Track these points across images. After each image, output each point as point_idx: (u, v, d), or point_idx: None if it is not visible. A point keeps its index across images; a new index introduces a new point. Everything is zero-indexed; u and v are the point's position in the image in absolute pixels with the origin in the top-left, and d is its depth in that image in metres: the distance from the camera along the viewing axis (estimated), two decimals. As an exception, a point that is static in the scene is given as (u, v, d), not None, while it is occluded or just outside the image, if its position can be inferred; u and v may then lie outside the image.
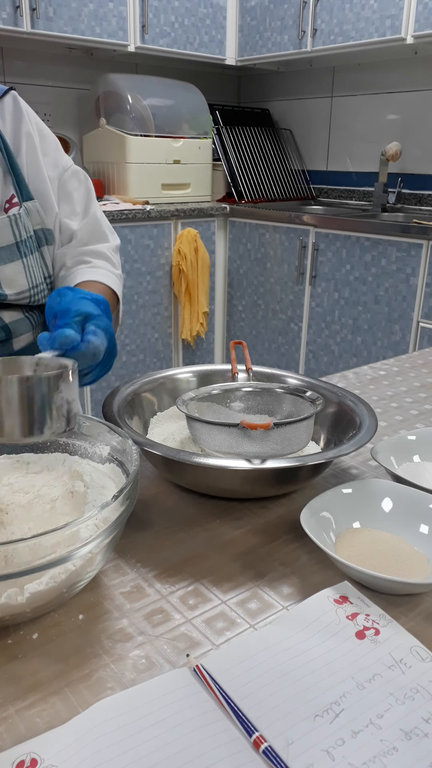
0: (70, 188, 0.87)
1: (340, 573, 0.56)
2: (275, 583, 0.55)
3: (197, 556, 0.59)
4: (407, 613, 0.52)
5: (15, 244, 0.76)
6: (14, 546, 0.45)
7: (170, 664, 0.46)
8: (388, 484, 0.64)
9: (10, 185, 0.78)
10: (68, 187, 0.87)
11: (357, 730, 0.41)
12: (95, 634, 0.49)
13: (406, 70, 2.76)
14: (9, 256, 0.76)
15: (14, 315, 0.79)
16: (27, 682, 0.45)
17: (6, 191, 0.78)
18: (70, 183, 0.87)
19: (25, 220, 0.78)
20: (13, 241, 0.76)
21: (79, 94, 2.88)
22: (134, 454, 0.55)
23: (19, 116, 0.82)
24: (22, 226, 0.77)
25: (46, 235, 0.82)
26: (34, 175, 0.82)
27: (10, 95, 0.83)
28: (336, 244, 2.47)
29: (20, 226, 0.77)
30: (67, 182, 0.87)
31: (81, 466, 0.61)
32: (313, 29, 2.63)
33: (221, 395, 0.79)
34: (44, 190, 0.82)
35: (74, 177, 0.88)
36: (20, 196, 0.78)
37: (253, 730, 0.40)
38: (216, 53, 2.89)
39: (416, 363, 1.19)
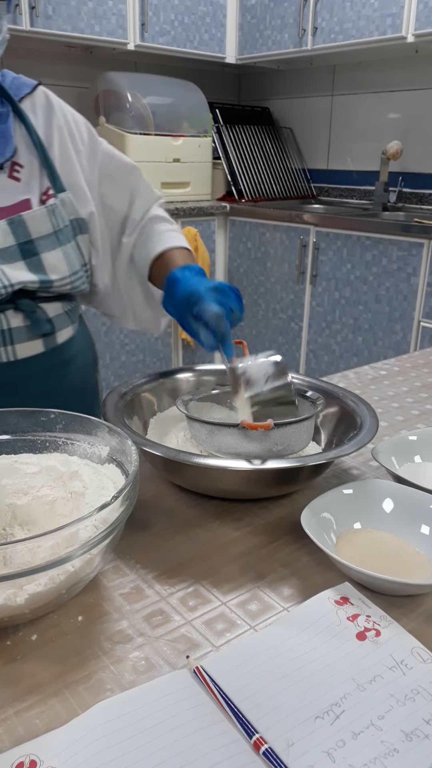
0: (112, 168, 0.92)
1: (340, 574, 0.56)
2: (276, 585, 0.55)
3: (197, 557, 0.59)
4: (408, 614, 0.51)
5: (54, 233, 0.81)
6: (13, 547, 0.45)
7: (170, 665, 0.46)
8: (389, 485, 0.64)
9: (46, 178, 0.82)
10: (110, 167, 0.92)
11: (358, 732, 0.41)
12: (94, 635, 0.49)
13: (407, 69, 2.76)
14: (50, 244, 0.81)
15: (56, 309, 0.85)
16: (26, 683, 0.45)
17: (42, 184, 0.82)
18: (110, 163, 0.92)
19: (61, 210, 0.82)
20: (52, 230, 0.81)
21: (78, 93, 2.87)
22: (134, 454, 0.55)
23: (51, 111, 0.86)
24: (59, 216, 0.82)
25: (80, 224, 0.86)
26: (67, 168, 0.85)
27: (41, 90, 0.87)
28: (337, 243, 2.47)
29: (57, 216, 0.81)
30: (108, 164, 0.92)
31: (80, 467, 0.61)
32: (314, 27, 2.63)
33: (221, 395, 0.79)
34: (77, 182, 0.86)
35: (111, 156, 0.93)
36: (55, 188, 0.82)
37: (253, 732, 0.40)
38: (216, 51, 2.88)
39: (417, 363, 1.19)
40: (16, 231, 0.78)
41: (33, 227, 0.79)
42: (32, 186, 0.82)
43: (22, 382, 0.83)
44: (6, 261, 0.77)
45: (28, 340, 0.82)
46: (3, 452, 0.63)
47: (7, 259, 0.78)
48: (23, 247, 0.79)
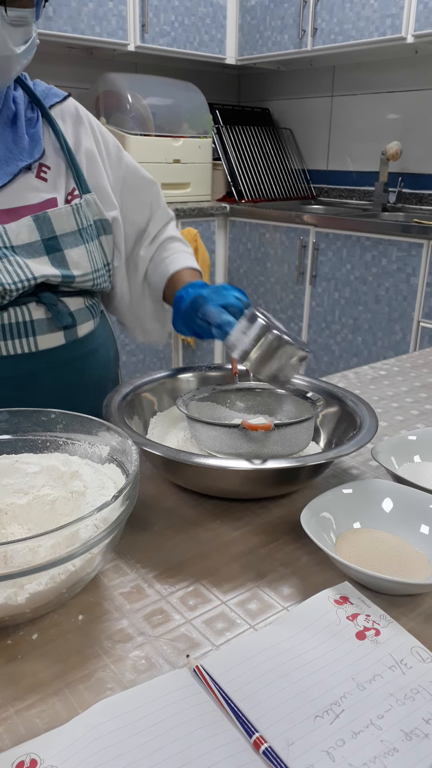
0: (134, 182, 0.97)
1: (340, 573, 0.56)
2: (275, 584, 0.55)
3: (197, 557, 0.59)
4: (408, 614, 0.51)
5: (78, 231, 0.84)
6: (14, 546, 0.45)
7: (170, 664, 0.46)
8: (388, 485, 0.64)
9: (72, 179, 0.87)
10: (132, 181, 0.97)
11: (357, 731, 0.41)
12: (95, 634, 0.49)
13: (407, 70, 2.76)
14: (74, 242, 0.84)
15: (78, 303, 0.87)
16: (27, 682, 0.45)
17: (68, 184, 0.86)
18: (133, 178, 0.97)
19: (85, 209, 0.86)
20: (76, 228, 0.84)
21: (78, 94, 2.86)
22: (134, 454, 0.55)
23: (79, 119, 0.91)
24: (83, 215, 0.85)
25: (104, 225, 0.90)
26: (93, 172, 0.90)
27: (71, 100, 0.92)
28: (336, 244, 2.47)
29: (81, 215, 0.85)
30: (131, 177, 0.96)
31: (81, 467, 0.61)
32: (314, 28, 2.63)
33: (221, 395, 0.79)
34: (103, 186, 0.91)
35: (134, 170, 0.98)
36: (80, 189, 0.86)
37: (253, 731, 0.40)
38: (216, 52, 2.89)
39: (417, 363, 1.19)
40: (41, 227, 0.81)
41: (57, 224, 0.82)
42: (58, 186, 0.85)
43: (43, 373, 0.84)
44: (30, 255, 0.80)
45: (50, 332, 0.84)
46: (4, 452, 0.63)
47: (31, 254, 0.80)
48: (47, 243, 0.81)
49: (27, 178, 0.83)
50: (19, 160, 0.81)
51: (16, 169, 0.81)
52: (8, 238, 0.78)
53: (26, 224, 0.80)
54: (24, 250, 0.80)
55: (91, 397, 0.88)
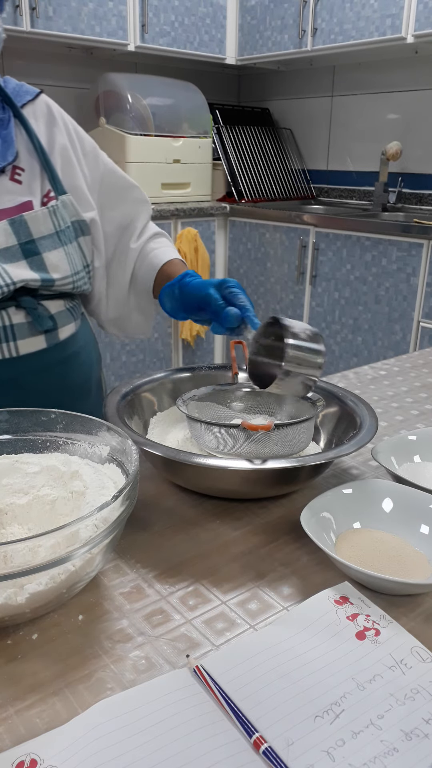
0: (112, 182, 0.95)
1: (340, 573, 0.56)
2: (275, 584, 0.55)
3: (197, 557, 0.59)
4: (408, 614, 0.51)
5: (56, 233, 0.83)
6: (13, 546, 0.45)
7: (170, 664, 0.46)
8: (388, 485, 0.64)
9: (47, 181, 0.85)
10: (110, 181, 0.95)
11: (357, 731, 0.41)
12: (95, 634, 0.49)
13: (407, 70, 2.76)
14: (52, 244, 0.83)
15: (58, 306, 0.86)
16: (27, 682, 0.45)
17: (44, 186, 0.85)
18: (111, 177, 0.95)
19: (62, 211, 0.84)
20: (53, 231, 0.83)
21: (78, 94, 2.88)
22: (134, 454, 0.55)
23: (52, 118, 0.88)
24: (60, 217, 0.84)
25: (81, 226, 0.88)
26: (68, 173, 0.88)
27: (43, 98, 0.89)
28: (336, 244, 2.47)
29: (58, 217, 0.84)
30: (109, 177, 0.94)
31: (81, 466, 0.61)
32: (314, 28, 2.63)
33: (221, 395, 0.79)
34: (78, 187, 0.89)
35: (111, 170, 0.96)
36: (56, 191, 0.85)
37: (253, 731, 0.40)
38: (216, 52, 2.89)
39: (417, 363, 1.19)
40: (18, 231, 0.80)
41: (34, 227, 0.81)
42: (33, 188, 0.84)
43: (25, 378, 0.83)
44: (8, 260, 0.79)
45: (30, 336, 0.83)
46: (4, 452, 0.63)
47: (9, 259, 0.79)
48: (25, 247, 0.80)
49: (1, 181, 0.81)
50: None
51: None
52: None
53: (2, 228, 0.79)
54: (1, 255, 0.79)
55: (74, 400, 0.88)
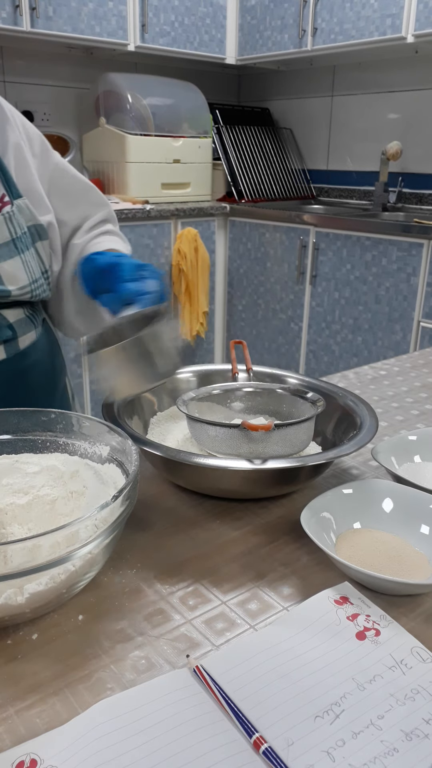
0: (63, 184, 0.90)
1: (340, 573, 0.56)
2: (275, 584, 0.55)
3: (197, 557, 0.59)
4: (408, 614, 0.51)
5: (11, 240, 0.79)
6: (13, 546, 0.45)
7: (170, 664, 0.46)
8: (388, 485, 0.64)
9: (0, 185, 0.80)
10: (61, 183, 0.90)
11: (357, 731, 0.41)
12: (95, 634, 0.49)
13: (407, 69, 2.76)
14: (8, 253, 0.78)
15: (17, 314, 0.82)
16: (27, 682, 0.45)
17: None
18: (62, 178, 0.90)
19: (18, 217, 0.80)
20: (9, 238, 0.78)
21: (78, 94, 2.88)
22: (134, 454, 0.55)
23: (4, 117, 0.83)
24: (16, 223, 0.79)
25: (38, 230, 0.84)
26: (22, 175, 0.83)
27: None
28: (336, 244, 2.47)
29: (14, 223, 0.79)
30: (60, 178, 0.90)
31: (81, 467, 0.61)
32: (314, 28, 2.63)
33: (221, 395, 0.79)
34: (34, 189, 0.84)
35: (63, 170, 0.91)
36: (10, 195, 0.80)
37: (253, 731, 0.40)
38: (216, 52, 2.89)
39: (417, 363, 1.19)
40: None
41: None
42: None
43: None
44: None
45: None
46: (4, 452, 0.64)
47: None
48: None
49: None
50: None
51: None
52: None
53: None
54: None
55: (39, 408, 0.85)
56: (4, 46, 2.65)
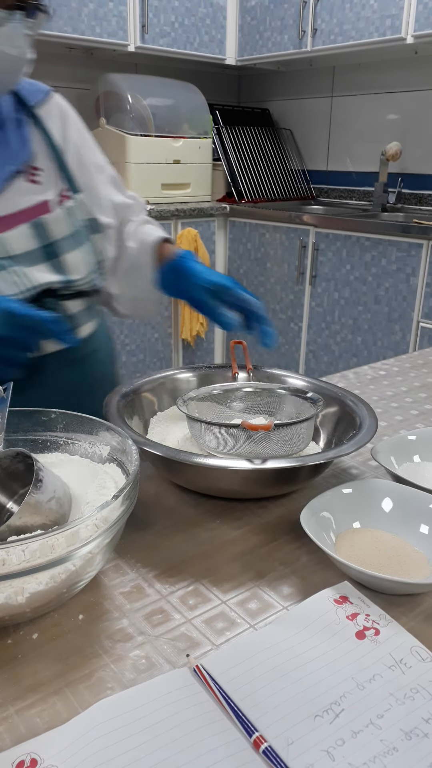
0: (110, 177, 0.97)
1: (340, 573, 0.56)
2: (275, 583, 0.55)
3: (197, 556, 0.59)
4: (407, 613, 0.52)
5: (72, 234, 0.84)
6: (13, 546, 0.45)
7: (170, 664, 0.46)
8: (388, 484, 0.64)
9: (62, 180, 0.86)
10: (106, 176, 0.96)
11: (357, 730, 0.41)
12: (95, 634, 0.49)
13: (407, 70, 2.76)
14: (71, 245, 0.84)
15: (79, 306, 0.88)
16: (27, 682, 0.45)
17: (59, 185, 0.86)
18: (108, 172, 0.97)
19: (76, 210, 0.85)
20: (71, 231, 0.84)
21: (78, 94, 2.88)
22: (134, 454, 0.55)
23: (66, 116, 0.90)
24: (75, 217, 0.85)
25: (93, 224, 0.89)
26: (80, 170, 0.89)
27: (56, 96, 0.90)
28: (336, 244, 2.47)
29: (74, 217, 0.85)
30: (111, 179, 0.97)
31: (81, 466, 0.61)
32: (313, 29, 2.63)
33: (221, 395, 0.79)
34: (90, 184, 0.90)
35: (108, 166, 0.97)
36: (72, 189, 0.86)
37: (253, 730, 0.40)
38: (216, 53, 2.89)
39: (416, 363, 1.19)
40: (39, 234, 0.81)
41: (55, 229, 0.82)
42: (50, 188, 0.84)
43: (46, 376, 0.84)
44: (30, 263, 0.79)
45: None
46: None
47: (31, 262, 0.79)
48: (46, 250, 0.81)
49: (18, 182, 0.81)
50: (9, 165, 0.80)
51: (6, 175, 0.80)
52: (7, 248, 0.78)
53: (24, 232, 0.79)
54: (23, 259, 0.79)
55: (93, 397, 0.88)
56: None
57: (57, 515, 0.53)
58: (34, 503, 0.51)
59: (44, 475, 0.53)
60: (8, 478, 0.58)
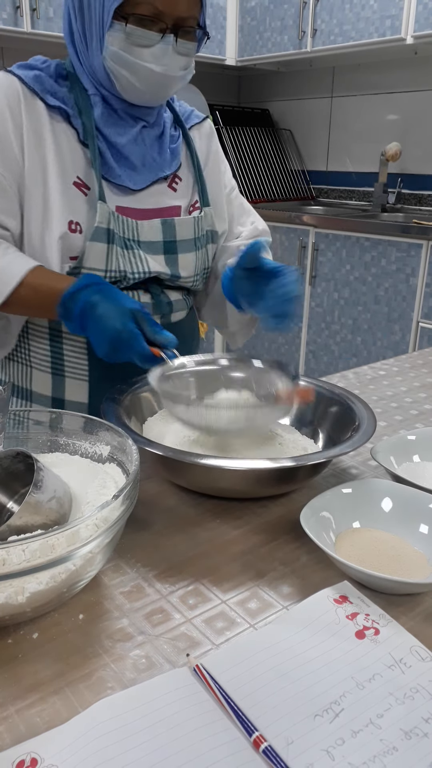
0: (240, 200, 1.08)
1: (339, 573, 0.56)
2: (275, 583, 0.55)
3: (197, 556, 0.59)
4: (407, 613, 0.52)
5: (194, 239, 0.95)
6: (14, 546, 0.45)
7: (170, 663, 0.46)
8: (387, 484, 0.64)
9: (196, 193, 0.98)
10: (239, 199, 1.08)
11: (357, 730, 0.41)
12: (95, 633, 0.49)
13: (406, 71, 2.76)
14: (189, 248, 0.95)
15: (176, 296, 0.97)
16: (27, 681, 0.45)
17: (193, 197, 0.98)
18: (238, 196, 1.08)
19: (202, 221, 0.96)
20: (193, 237, 0.95)
21: (79, 94, 2.88)
22: (134, 454, 0.55)
23: (211, 138, 1.03)
24: (200, 226, 0.96)
25: (213, 235, 1.00)
26: (213, 187, 1.01)
27: (208, 122, 1.04)
28: (336, 245, 2.47)
29: (199, 226, 0.96)
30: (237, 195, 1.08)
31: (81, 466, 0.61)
32: (313, 29, 2.63)
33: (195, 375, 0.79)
34: (219, 200, 1.02)
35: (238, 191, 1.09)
36: (202, 202, 0.97)
37: (253, 730, 0.40)
38: (216, 53, 2.89)
39: (416, 363, 1.19)
40: (166, 231, 0.92)
41: (180, 231, 0.93)
42: (185, 197, 0.97)
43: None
44: (151, 252, 0.91)
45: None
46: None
47: (152, 251, 0.91)
48: (167, 245, 0.93)
49: (161, 186, 0.94)
50: (160, 171, 0.92)
51: (155, 178, 0.92)
52: (138, 233, 0.89)
53: (155, 225, 0.91)
54: (147, 247, 0.90)
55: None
56: (4, 47, 2.65)
57: (57, 515, 0.53)
58: (34, 503, 0.51)
59: (44, 475, 0.53)
60: (8, 477, 0.58)
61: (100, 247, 0.85)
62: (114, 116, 0.89)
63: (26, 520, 0.51)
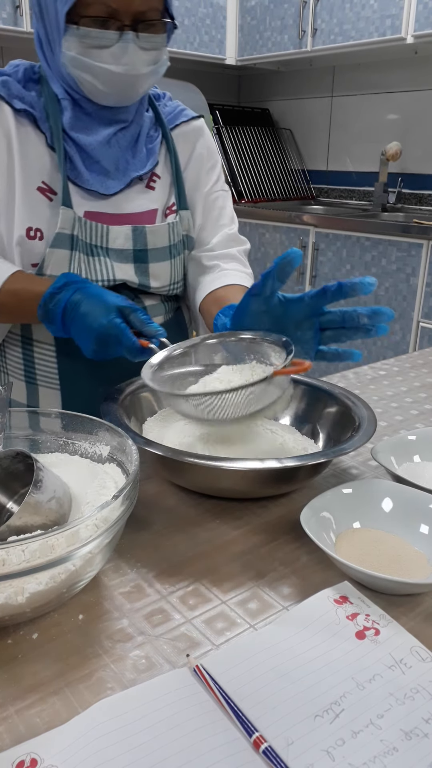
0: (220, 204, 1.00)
1: (340, 573, 0.56)
2: (275, 583, 0.55)
3: (197, 556, 0.59)
4: (407, 613, 0.52)
5: (168, 247, 0.91)
6: (13, 546, 0.45)
7: (170, 664, 0.46)
8: (388, 484, 0.64)
9: (173, 195, 0.93)
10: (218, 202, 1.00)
11: (357, 730, 0.41)
12: (95, 634, 0.49)
13: (406, 70, 2.76)
14: (162, 256, 0.91)
15: (152, 300, 0.94)
16: (27, 682, 0.45)
17: (170, 198, 0.93)
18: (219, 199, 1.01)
19: (178, 227, 0.92)
20: (167, 244, 0.91)
21: (79, 94, 2.88)
22: (134, 454, 0.55)
23: (199, 137, 0.97)
24: (176, 232, 0.92)
25: (189, 241, 0.96)
26: (192, 189, 0.96)
27: (198, 122, 0.98)
28: (336, 244, 2.47)
29: (174, 232, 0.92)
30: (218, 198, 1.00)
31: (81, 466, 0.61)
32: (313, 29, 2.63)
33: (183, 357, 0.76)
34: (196, 203, 0.97)
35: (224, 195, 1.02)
36: (179, 205, 0.93)
37: (253, 731, 0.40)
38: (216, 53, 2.89)
39: (416, 363, 1.19)
40: (137, 239, 0.89)
41: (152, 239, 0.89)
42: (162, 198, 0.93)
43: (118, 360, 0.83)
44: (119, 260, 0.88)
45: None
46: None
47: (121, 259, 0.88)
48: (137, 254, 0.89)
49: (138, 187, 0.90)
50: (134, 172, 0.89)
51: (129, 179, 0.88)
52: (107, 240, 0.86)
53: (125, 232, 0.87)
54: (115, 254, 0.87)
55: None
56: (4, 47, 2.65)
57: (57, 515, 0.53)
58: (34, 503, 0.51)
59: (44, 475, 0.53)
60: (8, 478, 0.58)
61: (61, 254, 0.83)
62: (85, 119, 0.85)
63: (26, 521, 0.51)
